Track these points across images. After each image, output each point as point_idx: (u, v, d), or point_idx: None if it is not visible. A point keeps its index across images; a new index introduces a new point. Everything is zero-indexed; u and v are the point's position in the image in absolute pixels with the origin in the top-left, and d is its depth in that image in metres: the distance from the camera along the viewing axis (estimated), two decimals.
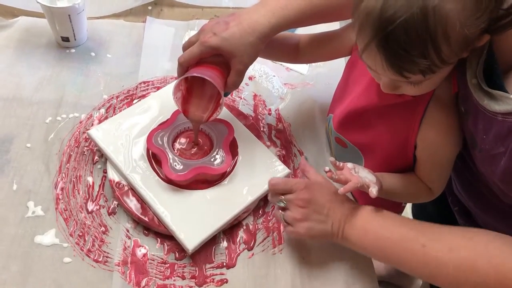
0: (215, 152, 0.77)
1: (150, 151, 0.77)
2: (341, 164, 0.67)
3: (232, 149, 0.79)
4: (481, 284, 0.55)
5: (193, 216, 0.72)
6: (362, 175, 0.67)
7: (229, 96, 0.91)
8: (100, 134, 0.78)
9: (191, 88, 0.74)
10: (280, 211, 0.69)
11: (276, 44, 0.77)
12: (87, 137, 0.82)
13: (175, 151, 0.78)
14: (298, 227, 0.66)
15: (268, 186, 0.70)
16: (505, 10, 0.52)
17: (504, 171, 0.57)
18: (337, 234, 0.66)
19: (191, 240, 0.70)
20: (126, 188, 0.75)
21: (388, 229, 0.63)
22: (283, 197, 0.68)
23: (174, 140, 0.79)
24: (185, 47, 0.71)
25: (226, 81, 0.70)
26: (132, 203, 0.73)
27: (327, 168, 0.67)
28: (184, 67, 0.70)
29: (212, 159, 0.76)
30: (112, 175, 0.76)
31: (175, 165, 0.74)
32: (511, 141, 0.54)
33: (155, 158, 0.77)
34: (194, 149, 0.79)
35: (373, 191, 0.65)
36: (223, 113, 0.82)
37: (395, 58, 0.53)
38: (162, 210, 0.71)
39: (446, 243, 0.58)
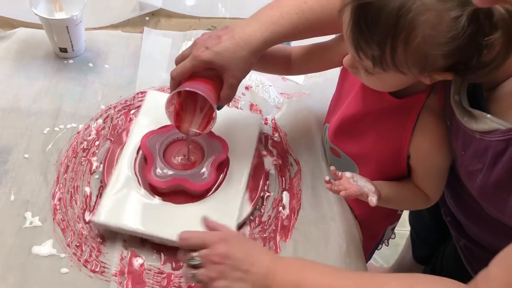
0: (202, 168, 0.77)
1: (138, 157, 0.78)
2: (340, 173, 0.68)
3: (222, 168, 0.79)
4: None
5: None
6: (361, 184, 0.67)
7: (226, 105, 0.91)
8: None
9: (184, 102, 0.74)
10: (191, 269, 0.59)
11: (269, 57, 0.78)
12: (84, 147, 0.83)
13: (165, 158, 0.78)
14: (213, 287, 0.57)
15: (179, 241, 0.60)
16: (476, 61, 0.52)
17: (480, 187, 0.57)
18: None
19: None
20: None
21: (325, 279, 0.56)
22: (196, 253, 0.59)
23: (168, 147, 0.80)
24: (178, 61, 0.72)
25: (219, 94, 0.71)
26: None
27: (327, 178, 0.68)
28: (177, 81, 0.70)
29: (196, 174, 0.76)
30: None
31: (158, 171, 0.75)
32: (487, 158, 0.55)
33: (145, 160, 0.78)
34: (184, 160, 0.79)
35: (373, 200, 0.65)
36: (224, 129, 0.83)
37: (358, 31, 0.55)
38: (158, 233, 0.72)
39: None
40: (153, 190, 0.76)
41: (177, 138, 0.81)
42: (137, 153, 0.80)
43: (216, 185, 0.78)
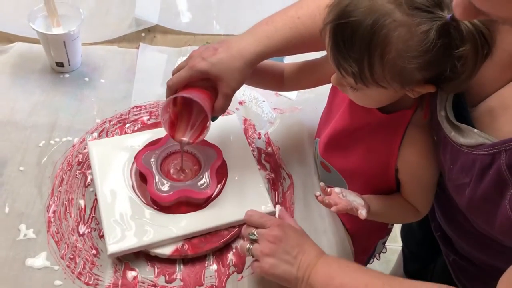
0: (201, 176, 0.78)
1: (134, 172, 0.79)
2: (329, 189, 0.69)
3: (221, 173, 0.81)
4: None
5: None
6: (350, 199, 0.69)
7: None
8: (97, 149, 0.81)
9: (179, 112, 0.76)
10: (248, 244, 0.68)
11: (263, 73, 0.80)
12: (79, 160, 0.84)
13: (163, 172, 0.79)
14: (263, 262, 0.66)
15: (244, 217, 0.71)
16: (451, 72, 0.55)
17: (468, 201, 0.59)
18: (302, 279, 0.64)
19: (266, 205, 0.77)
20: None
21: (354, 277, 0.63)
22: (255, 230, 0.69)
23: (163, 161, 0.81)
24: (174, 72, 0.74)
25: (214, 105, 0.72)
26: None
27: (317, 193, 0.69)
28: (172, 90, 0.72)
29: (197, 183, 0.78)
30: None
31: (160, 186, 0.76)
32: (475, 172, 0.56)
33: (142, 178, 0.79)
34: (181, 172, 0.80)
35: (363, 213, 0.67)
36: (216, 137, 0.84)
37: (337, 49, 0.58)
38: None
39: None
40: (156, 205, 0.76)
41: (170, 152, 0.82)
42: (130, 173, 0.80)
43: (217, 191, 0.79)
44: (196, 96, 0.69)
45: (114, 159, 0.81)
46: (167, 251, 0.73)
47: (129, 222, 0.74)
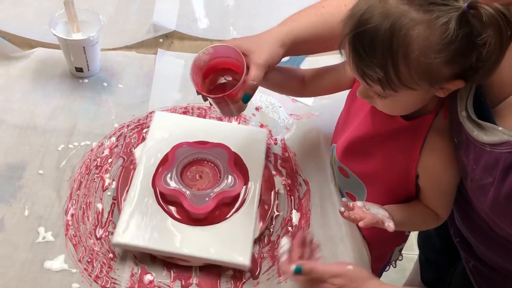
0: (225, 176, 0.79)
1: (160, 197, 0.78)
2: (351, 204, 0.68)
3: (239, 166, 0.82)
4: None
5: (229, 241, 0.74)
6: (373, 211, 0.68)
7: (236, 124, 0.93)
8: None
9: (208, 90, 0.75)
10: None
11: (283, 76, 0.80)
12: (97, 164, 0.85)
13: (187, 186, 0.78)
14: None
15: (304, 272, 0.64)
16: (477, 61, 0.54)
17: (492, 201, 0.58)
18: None
19: (244, 257, 0.72)
20: None
21: None
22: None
23: (181, 177, 0.80)
24: None
25: (246, 79, 0.71)
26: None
27: (342, 209, 0.67)
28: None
29: (224, 183, 0.78)
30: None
31: (194, 199, 0.76)
32: (499, 171, 0.55)
33: (166, 201, 0.78)
34: (203, 180, 0.81)
35: (390, 225, 0.66)
36: (232, 144, 0.84)
37: (358, 58, 0.58)
38: (206, 254, 0.73)
39: None
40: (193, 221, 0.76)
41: (184, 165, 0.81)
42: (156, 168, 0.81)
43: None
44: (232, 49, 0.71)
45: (169, 137, 0.84)
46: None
47: (145, 220, 0.74)
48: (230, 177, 0.79)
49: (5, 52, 1.00)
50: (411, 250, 1.38)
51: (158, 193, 0.78)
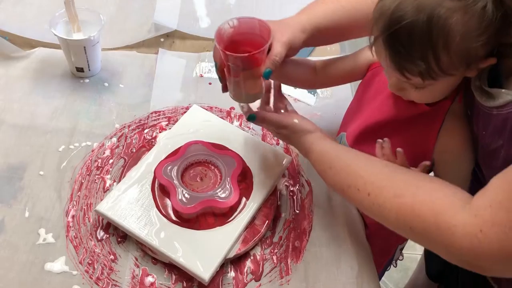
0: (223, 185, 0.77)
1: (156, 186, 0.78)
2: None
3: (245, 182, 0.80)
4: (420, 228, 0.57)
5: (200, 250, 0.72)
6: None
7: (238, 126, 0.92)
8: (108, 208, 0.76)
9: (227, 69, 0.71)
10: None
11: (295, 68, 0.81)
12: (98, 165, 0.84)
13: (184, 184, 0.78)
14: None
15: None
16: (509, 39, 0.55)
17: (503, 163, 0.58)
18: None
19: (206, 270, 0.70)
20: None
21: (358, 159, 0.69)
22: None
23: (183, 173, 0.80)
24: None
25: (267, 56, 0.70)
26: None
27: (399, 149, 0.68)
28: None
29: (219, 192, 0.77)
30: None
31: (183, 198, 0.75)
32: (507, 132, 0.57)
33: (161, 191, 0.78)
34: (202, 182, 0.80)
35: (426, 162, 0.67)
36: (252, 158, 0.83)
37: (397, 55, 0.58)
38: (172, 253, 0.72)
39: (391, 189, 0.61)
40: (179, 218, 0.75)
41: (189, 162, 0.81)
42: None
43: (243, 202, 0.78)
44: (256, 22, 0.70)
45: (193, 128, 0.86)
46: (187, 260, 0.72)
47: (133, 200, 0.75)
48: (227, 188, 0.77)
49: (5, 52, 1.00)
50: (414, 250, 1.38)
51: (156, 181, 0.78)
